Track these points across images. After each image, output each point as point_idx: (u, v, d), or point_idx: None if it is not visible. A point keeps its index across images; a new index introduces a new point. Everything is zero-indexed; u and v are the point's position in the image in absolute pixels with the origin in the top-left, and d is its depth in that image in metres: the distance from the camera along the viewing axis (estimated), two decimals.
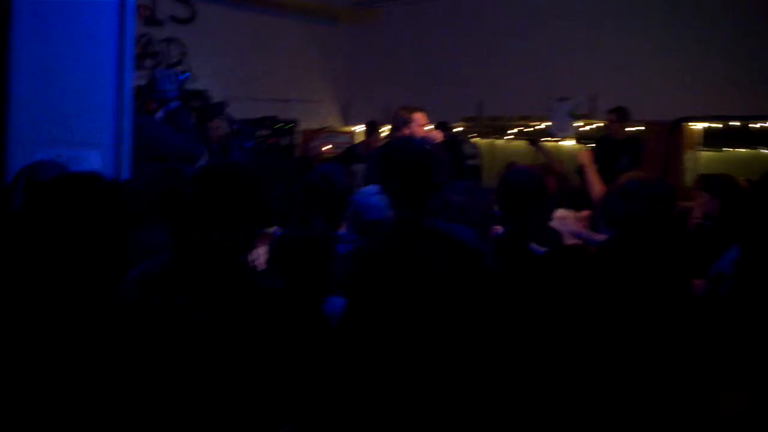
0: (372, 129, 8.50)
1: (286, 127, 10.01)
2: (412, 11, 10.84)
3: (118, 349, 2.08)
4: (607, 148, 8.05)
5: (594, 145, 8.71)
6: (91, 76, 3.97)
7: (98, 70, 3.98)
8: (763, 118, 8.46)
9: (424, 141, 5.29)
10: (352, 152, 8.22)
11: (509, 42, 9.76)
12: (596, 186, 5.41)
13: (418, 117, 5.31)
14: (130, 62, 4.08)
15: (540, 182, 3.56)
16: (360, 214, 3.78)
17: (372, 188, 4.02)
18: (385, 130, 9.10)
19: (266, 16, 10.69)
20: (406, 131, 5.27)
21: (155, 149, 4.35)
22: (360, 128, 11.24)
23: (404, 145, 3.39)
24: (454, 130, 8.43)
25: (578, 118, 9.20)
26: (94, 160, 3.54)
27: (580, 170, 8.10)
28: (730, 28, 8.31)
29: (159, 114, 4.69)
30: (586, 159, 5.95)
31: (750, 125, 8.65)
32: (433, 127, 5.51)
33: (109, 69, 4.00)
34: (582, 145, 9.64)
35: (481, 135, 10.07)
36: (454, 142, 5.55)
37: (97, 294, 2.17)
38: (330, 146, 10.24)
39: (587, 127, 9.57)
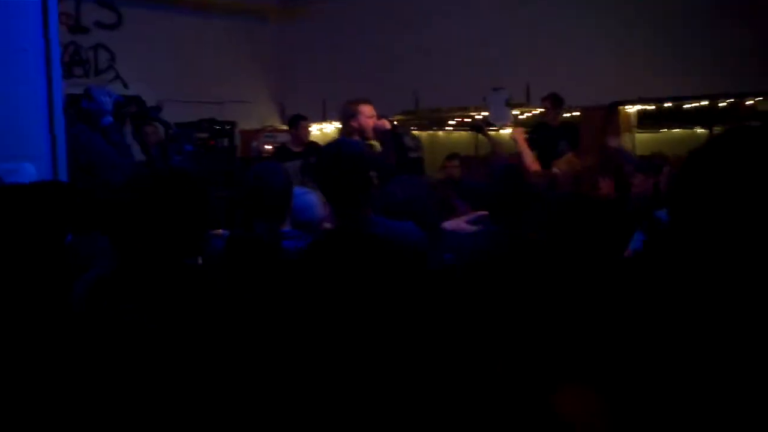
0: (295, 123, 8.40)
1: (225, 128, 9.90)
2: (343, 6, 10.80)
3: (66, 360, 2.02)
4: (544, 134, 8.16)
5: (530, 131, 8.83)
6: (19, 88, 3.86)
7: (26, 80, 3.87)
8: (695, 99, 8.66)
9: (374, 131, 5.29)
10: (283, 149, 8.16)
11: (443, 33, 9.79)
12: (529, 160, 5.49)
13: (365, 109, 5.32)
14: (58, 71, 3.98)
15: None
16: (294, 215, 3.76)
17: (303, 188, 3.99)
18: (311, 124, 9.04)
19: (195, 18, 10.55)
20: (354, 124, 5.29)
21: (89, 160, 4.25)
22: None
23: (335, 148, 3.36)
24: (393, 123, 8.41)
25: (514, 106, 9.30)
26: (29, 173, 3.44)
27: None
28: (658, 11, 8.46)
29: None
30: (519, 135, 6.03)
31: (684, 106, 8.85)
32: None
33: (38, 79, 3.90)
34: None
35: (420, 128, 10.10)
36: (394, 135, 5.54)
37: (45, 304, 2.11)
38: (271, 146, 10.19)
39: (524, 115, 9.67)
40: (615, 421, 1.51)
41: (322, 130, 10.52)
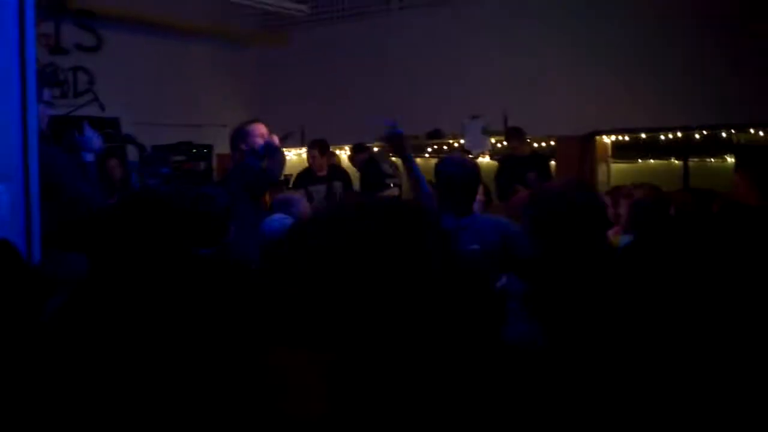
0: (324, 148, 8.32)
1: (202, 151, 9.88)
2: (320, 34, 10.86)
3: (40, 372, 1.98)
4: (512, 165, 8.26)
5: (499, 160, 8.94)
6: None
7: (2, 101, 3.84)
8: (671, 129, 8.76)
9: (266, 147, 5.22)
10: (308, 173, 8.14)
11: (421, 60, 9.83)
12: None
13: (255, 128, 5.36)
14: (33, 91, 3.95)
15: None
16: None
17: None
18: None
19: (173, 41, 10.52)
20: (243, 146, 5.27)
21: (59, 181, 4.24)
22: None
23: None
24: (372, 150, 8.43)
25: (491, 134, 9.37)
26: (2, 195, 3.41)
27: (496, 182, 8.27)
28: (636, 42, 8.56)
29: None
30: None
31: (660, 137, 8.95)
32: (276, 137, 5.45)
33: (14, 101, 3.86)
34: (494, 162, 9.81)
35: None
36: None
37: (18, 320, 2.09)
38: None
39: (501, 144, 9.72)
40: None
41: (300, 155, 10.51)
